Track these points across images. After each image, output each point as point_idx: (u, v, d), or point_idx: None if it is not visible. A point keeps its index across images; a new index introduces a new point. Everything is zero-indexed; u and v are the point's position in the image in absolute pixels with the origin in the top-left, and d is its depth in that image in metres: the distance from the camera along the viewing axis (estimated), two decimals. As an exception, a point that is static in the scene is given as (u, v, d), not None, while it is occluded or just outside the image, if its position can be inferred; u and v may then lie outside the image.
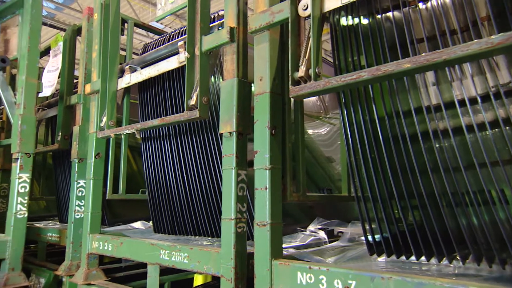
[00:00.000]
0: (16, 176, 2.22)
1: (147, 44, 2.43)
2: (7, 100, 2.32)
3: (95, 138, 2.34)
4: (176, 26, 13.27)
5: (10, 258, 2.14)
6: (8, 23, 2.52)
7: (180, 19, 13.14)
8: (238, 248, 1.51)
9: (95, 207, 2.34)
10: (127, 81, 2.17)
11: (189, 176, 2.14)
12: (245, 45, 1.62)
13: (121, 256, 2.09)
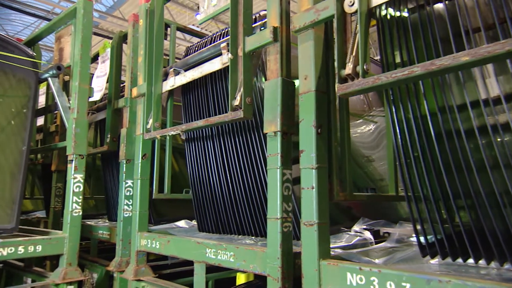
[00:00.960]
0: (71, 177, 2.36)
1: (189, 47, 2.49)
2: (63, 105, 2.48)
3: (141, 140, 2.44)
4: (212, 29, 13.52)
5: (67, 253, 2.28)
6: (62, 33, 2.69)
7: (216, 22, 13.36)
8: (285, 247, 1.52)
9: (143, 206, 2.43)
10: (172, 83, 2.24)
11: (232, 176, 2.18)
12: (288, 45, 1.62)
13: (168, 254, 2.16)
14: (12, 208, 2.24)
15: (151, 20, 2.35)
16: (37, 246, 2.17)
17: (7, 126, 2.26)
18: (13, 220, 2.23)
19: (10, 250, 2.04)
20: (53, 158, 3.54)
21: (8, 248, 2.03)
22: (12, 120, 2.29)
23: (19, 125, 2.33)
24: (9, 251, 2.04)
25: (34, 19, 13.60)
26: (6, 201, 2.22)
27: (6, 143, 2.24)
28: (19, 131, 2.32)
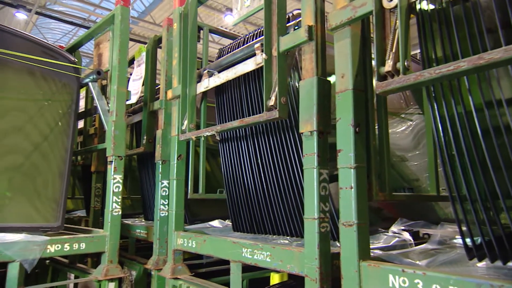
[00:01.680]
0: (111, 177, 2.45)
1: (222, 49, 2.53)
2: (102, 108, 2.58)
3: (177, 141, 2.49)
4: (241, 30, 13.60)
5: (108, 251, 2.37)
6: (101, 39, 2.80)
7: (244, 23, 13.42)
8: (322, 248, 1.50)
9: (179, 206, 2.49)
10: (206, 85, 2.28)
11: (266, 175, 2.18)
12: (324, 43, 1.61)
13: (204, 253, 2.20)
14: (58, 207, 2.36)
15: (185, 23, 2.40)
16: (81, 244, 2.27)
17: (53, 129, 2.38)
18: (59, 219, 2.35)
19: (57, 247, 2.15)
20: (93, 160, 3.69)
21: (55, 245, 2.14)
22: (57, 123, 2.41)
23: (63, 128, 2.45)
24: (56, 248, 2.15)
25: (72, 27, 14.24)
26: (53, 201, 2.34)
27: (53, 145, 2.36)
28: (63, 133, 2.44)
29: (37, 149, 2.29)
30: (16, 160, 2.21)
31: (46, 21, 13.82)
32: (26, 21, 11.26)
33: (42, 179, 2.31)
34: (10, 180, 2.18)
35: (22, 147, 2.24)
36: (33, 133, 2.29)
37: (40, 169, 2.30)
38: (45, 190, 2.32)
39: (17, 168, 2.21)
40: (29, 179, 2.25)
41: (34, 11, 10.99)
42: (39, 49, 2.36)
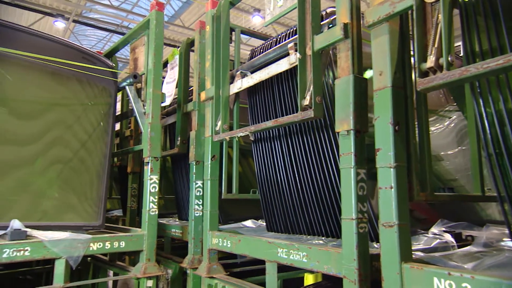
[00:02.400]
0: (147, 178, 2.52)
1: (254, 50, 2.54)
2: (138, 111, 2.66)
3: (210, 142, 2.53)
4: (269, 31, 13.59)
5: (146, 250, 2.44)
6: (136, 44, 2.89)
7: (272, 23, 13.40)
8: (361, 249, 1.48)
9: (213, 206, 2.52)
10: (239, 86, 2.30)
11: (300, 175, 2.17)
12: (359, 41, 1.58)
13: (239, 252, 2.21)
14: (99, 207, 2.45)
15: (217, 25, 2.43)
16: (121, 242, 2.35)
17: (94, 131, 2.48)
18: (100, 218, 2.44)
19: (99, 245, 2.24)
20: (129, 161, 3.81)
21: (97, 243, 2.23)
22: (97, 126, 2.51)
23: (102, 130, 2.55)
24: (98, 246, 2.24)
25: (106, 33, 14.79)
26: (94, 201, 2.44)
27: (94, 147, 2.46)
28: (103, 136, 2.54)
29: (80, 152, 2.39)
30: (61, 161, 2.32)
31: (82, 28, 14.44)
32: (64, 29, 11.81)
33: (84, 180, 2.41)
34: (57, 180, 2.29)
35: (68, 150, 2.35)
36: (75, 135, 2.39)
37: (83, 170, 2.41)
38: (87, 190, 2.42)
39: (63, 169, 2.33)
40: (73, 180, 2.36)
41: (71, 20, 11.51)
42: (81, 56, 2.47)
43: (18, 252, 1.95)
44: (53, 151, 2.30)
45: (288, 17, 11.86)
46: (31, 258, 2.01)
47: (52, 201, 2.28)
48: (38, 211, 2.25)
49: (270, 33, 10.31)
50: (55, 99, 2.36)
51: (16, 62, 2.23)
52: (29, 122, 2.25)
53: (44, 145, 2.28)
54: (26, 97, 2.25)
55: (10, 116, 2.18)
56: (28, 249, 1.99)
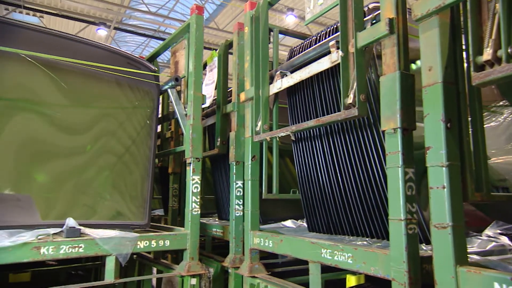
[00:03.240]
0: (190, 178, 2.59)
1: (292, 49, 2.53)
2: (180, 113, 2.74)
3: (250, 142, 2.54)
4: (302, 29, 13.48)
5: (189, 248, 2.50)
6: (177, 47, 2.97)
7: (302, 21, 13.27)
8: (411, 250, 1.43)
9: (254, 206, 2.54)
10: (279, 86, 2.30)
11: (343, 175, 2.14)
12: (406, 36, 1.53)
13: (281, 252, 2.21)
14: (145, 207, 2.55)
15: (256, 26, 2.45)
16: (166, 241, 2.42)
17: (139, 133, 2.58)
18: (146, 217, 2.54)
19: (145, 243, 2.32)
20: (170, 162, 3.92)
21: (144, 241, 2.32)
22: (141, 129, 2.60)
23: (147, 132, 2.64)
24: (145, 244, 2.32)
25: (144, 39, 15.31)
26: (140, 201, 2.54)
27: (139, 149, 2.56)
28: (147, 137, 2.63)
29: (126, 155, 2.50)
30: (110, 162, 2.44)
31: (122, 35, 15.04)
32: (106, 36, 12.37)
33: (131, 181, 2.51)
34: (107, 182, 2.41)
35: (114, 151, 2.46)
36: (123, 137, 2.50)
37: (129, 172, 2.51)
38: (133, 191, 2.52)
39: (112, 172, 2.44)
40: (121, 181, 2.46)
41: (112, 27, 12.03)
42: (126, 61, 2.57)
43: (73, 248, 2.07)
44: (102, 155, 2.42)
45: (325, 15, 11.71)
46: (84, 254, 2.12)
47: (102, 201, 2.40)
48: (90, 211, 2.37)
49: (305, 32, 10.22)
50: (104, 104, 2.48)
51: (70, 70, 2.36)
52: (82, 129, 2.38)
53: (94, 150, 2.40)
54: (79, 104, 2.38)
55: (65, 123, 2.32)
56: (82, 246, 2.10)
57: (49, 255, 2.00)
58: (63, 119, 2.32)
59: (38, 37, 2.35)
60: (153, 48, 16.25)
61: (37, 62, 2.21)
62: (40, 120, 2.25)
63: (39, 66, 2.21)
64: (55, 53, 2.31)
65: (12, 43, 2.18)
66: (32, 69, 2.23)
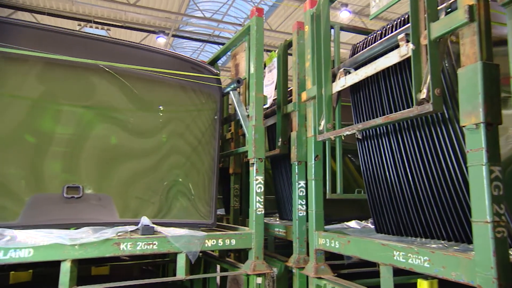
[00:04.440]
0: (253, 178, 2.62)
1: (355, 45, 2.46)
2: (242, 114, 2.79)
3: (313, 142, 2.52)
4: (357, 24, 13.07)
5: (255, 248, 2.54)
6: (237, 50, 3.04)
7: (360, 17, 12.85)
8: (499, 255, 1.32)
9: (318, 206, 2.51)
10: (342, 84, 2.25)
11: (414, 173, 2.03)
12: (488, 23, 1.42)
13: (349, 254, 2.16)
14: (211, 207, 2.63)
15: (317, 24, 2.42)
16: (232, 240, 2.48)
17: (203, 135, 2.68)
18: (212, 217, 2.62)
19: (212, 242, 2.40)
20: (230, 163, 4.01)
21: (212, 240, 2.39)
22: (205, 131, 2.70)
23: (210, 135, 2.73)
24: (212, 243, 2.40)
25: (199, 44, 15.85)
26: (206, 201, 2.63)
27: (204, 150, 2.66)
28: (210, 140, 2.72)
29: (193, 154, 2.60)
30: (178, 164, 2.56)
31: (179, 41, 15.72)
32: (165, 43, 13.01)
33: (197, 182, 2.61)
34: (175, 183, 2.53)
35: (182, 153, 2.58)
36: (190, 139, 2.61)
37: (196, 171, 2.61)
38: (200, 190, 2.62)
39: (180, 171, 2.56)
40: (188, 180, 2.57)
41: (170, 34, 12.62)
42: (190, 66, 2.68)
43: (148, 245, 2.20)
44: (171, 157, 2.55)
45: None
46: (158, 251, 2.24)
47: (171, 201, 2.52)
48: (160, 210, 2.50)
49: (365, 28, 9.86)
50: (171, 108, 2.60)
51: (140, 77, 2.52)
52: (152, 132, 2.53)
53: (163, 152, 2.54)
54: (149, 108, 2.53)
55: (137, 127, 2.48)
56: (156, 243, 2.22)
57: (127, 250, 2.14)
58: (135, 123, 2.47)
59: (112, 48, 2.54)
60: (209, 52, 16.81)
61: (113, 71, 2.38)
62: (116, 125, 2.43)
63: (114, 75, 2.38)
64: (126, 62, 2.48)
65: (90, 55, 2.37)
66: (108, 78, 2.41)
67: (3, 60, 2.14)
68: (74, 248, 1.99)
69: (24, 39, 2.22)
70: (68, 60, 2.29)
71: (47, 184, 2.19)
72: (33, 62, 2.22)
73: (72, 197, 2.22)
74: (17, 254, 1.84)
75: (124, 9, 10.96)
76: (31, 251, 1.88)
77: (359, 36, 2.81)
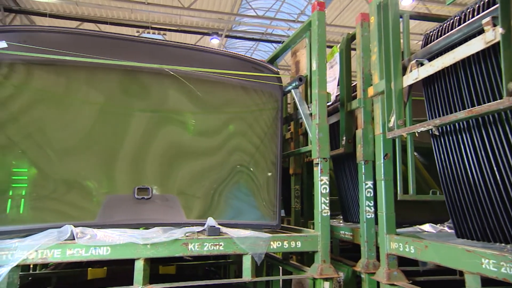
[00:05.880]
0: (318, 179, 2.58)
1: (427, 34, 2.32)
2: (304, 113, 2.76)
3: (382, 139, 2.42)
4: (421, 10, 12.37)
5: (321, 251, 2.50)
6: (297, 47, 3.02)
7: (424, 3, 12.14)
8: None
9: (389, 208, 2.41)
10: (415, 76, 2.13)
11: (502, 173, 1.86)
12: None
13: (426, 260, 2.05)
14: (275, 207, 2.64)
15: (385, 13, 2.32)
16: (297, 242, 2.46)
17: (264, 137, 2.69)
18: (276, 218, 2.63)
19: (278, 244, 2.40)
20: (290, 163, 3.99)
21: (277, 242, 2.40)
22: (267, 131, 2.71)
23: (272, 135, 2.74)
24: (277, 245, 2.40)
25: (252, 43, 16.05)
26: (270, 201, 2.64)
27: (266, 151, 2.68)
28: (273, 140, 2.73)
29: (256, 154, 2.63)
30: (242, 164, 2.60)
31: (232, 41, 16.05)
32: (218, 44, 13.35)
33: (261, 181, 2.63)
34: (239, 183, 2.57)
35: (246, 153, 2.62)
36: (253, 139, 2.64)
37: (259, 171, 2.64)
38: (264, 191, 2.64)
39: (243, 171, 2.60)
40: (252, 181, 2.61)
41: (223, 35, 12.93)
42: (251, 66, 2.71)
43: (214, 246, 2.26)
44: (234, 157, 2.60)
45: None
46: (224, 252, 2.29)
47: (235, 202, 2.57)
48: (225, 210, 2.56)
49: (425, 14, 9.31)
50: (233, 109, 2.66)
51: (201, 79, 2.60)
52: (216, 133, 2.59)
53: (226, 153, 2.59)
54: (212, 110, 2.60)
55: (201, 128, 2.56)
56: (222, 244, 2.27)
57: (195, 251, 2.21)
58: (199, 124, 2.56)
59: (173, 51, 2.65)
60: (262, 51, 16.96)
61: (177, 74, 2.48)
62: (180, 127, 2.53)
63: (179, 78, 2.48)
64: (188, 65, 2.56)
65: (155, 60, 2.49)
66: (173, 82, 2.51)
67: (80, 69, 2.32)
68: (147, 247, 2.10)
69: (96, 48, 2.39)
70: (135, 66, 2.43)
71: (120, 186, 2.34)
72: (105, 70, 2.39)
73: (142, 198, 2.35)
74: (97, 251, 1.99)
75: (179, 13, 11.43)
76: (109, 249, 2.02)
77: (423, 25, 2.66)
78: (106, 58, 2.32)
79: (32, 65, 2.22)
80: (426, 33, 2.33)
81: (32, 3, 11.15)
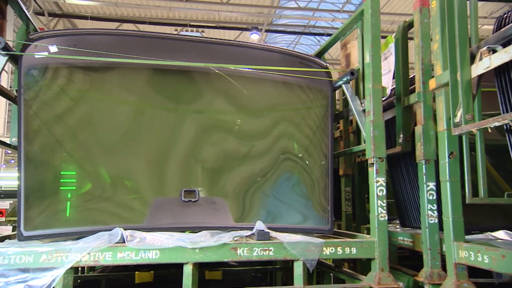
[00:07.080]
0: (373, 180, 2.50)
1: (500, 17, 2.17)
2: (356, 109, 2.69)
3: (447, 136, 2.30)
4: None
5: (378, 258, 2.42)
6: (348, 39, 2.95)
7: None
8: None
9: (456, 212, 2.28)
10: (486, 65, 2.00)
11: None
12: None
13: (505, 271, 1.91)
14: (327, 211, 2.59)
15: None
16: (352, 249, 2.40)
17: (314, 135, 2.65)
18: (329, 223, 2.58)
19: (331, 250, 2.35)
20: (340, 163, 3.91)
21: (330, 248, 2.35)
22: (317, 130, 2.67)
23: (322, 133, 2.69)
24: (330, 251, 2.35)
25: (294, 37, 15.95)
26: (321, 205, 2.60)
27: (316, 151, 2.64)
28: (323, 138, 2.68)
29: (306, 155, 2.60)
30: (291, 166, 2.58)
31: (272, 36, 16.03)
32: (258, 39, 13.41)
33: (312, 183, 2.60)
34: (288, 185, 2.55)
35: (295, 154, 2.60)
36: (302, 139, 2.62)
37: (310, 173, 2.60)
38: (315, 193, 2.60)
39: (292, 173, 2.57)
40: (302, 183, 2.58)
41: (263, 30, 12.96)
42: (298, 61, 2.69)
43: (264, 251, 2.25)
44: (283, 158, 2.58)
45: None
46: (274, 258, 2.28)
47: (285, 205, 2.55)
48: (274, 214, 2.55)
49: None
50: (280, 107, 2.64)
51: (247, 77, 2.60)
52: (263, 133, 2.60)
53: (275, 154, 2.59)
54: (259, 109, 2.61)
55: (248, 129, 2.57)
56: (272, 249, 2.26)
57: (244, 256, 2.22)
58: (247, 125, 2.57)
59: (217, 49, 2.68)
60: (304, 44, 16.79)
61: (223, 73, 2.51)
62: (228, 129, 2.56)
63: (225, 77, 2.50)
64: (232, 62, 2.58)
65: (199, 58, 2.52)
66: (218, 81, 2.53)
67: (129, 70, 2.41)
68: (195, 251, 2.14)
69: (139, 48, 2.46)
70: (180, 66, 2.47)
71: (167, 189, 2.41)
72: (153, 71, 2.45)
73: (189, 201, 2.40)
74: (146, 255, 2.06)
75: (217, 9, 11.61)
76: (158, 253, 2.08)
77: (487, 7, 2.48)
78: (158, 59, 2.39)
79: (82, 68, 2.33)
80: (499, 16, 2.17)
81: (74, 7, 11.81)
